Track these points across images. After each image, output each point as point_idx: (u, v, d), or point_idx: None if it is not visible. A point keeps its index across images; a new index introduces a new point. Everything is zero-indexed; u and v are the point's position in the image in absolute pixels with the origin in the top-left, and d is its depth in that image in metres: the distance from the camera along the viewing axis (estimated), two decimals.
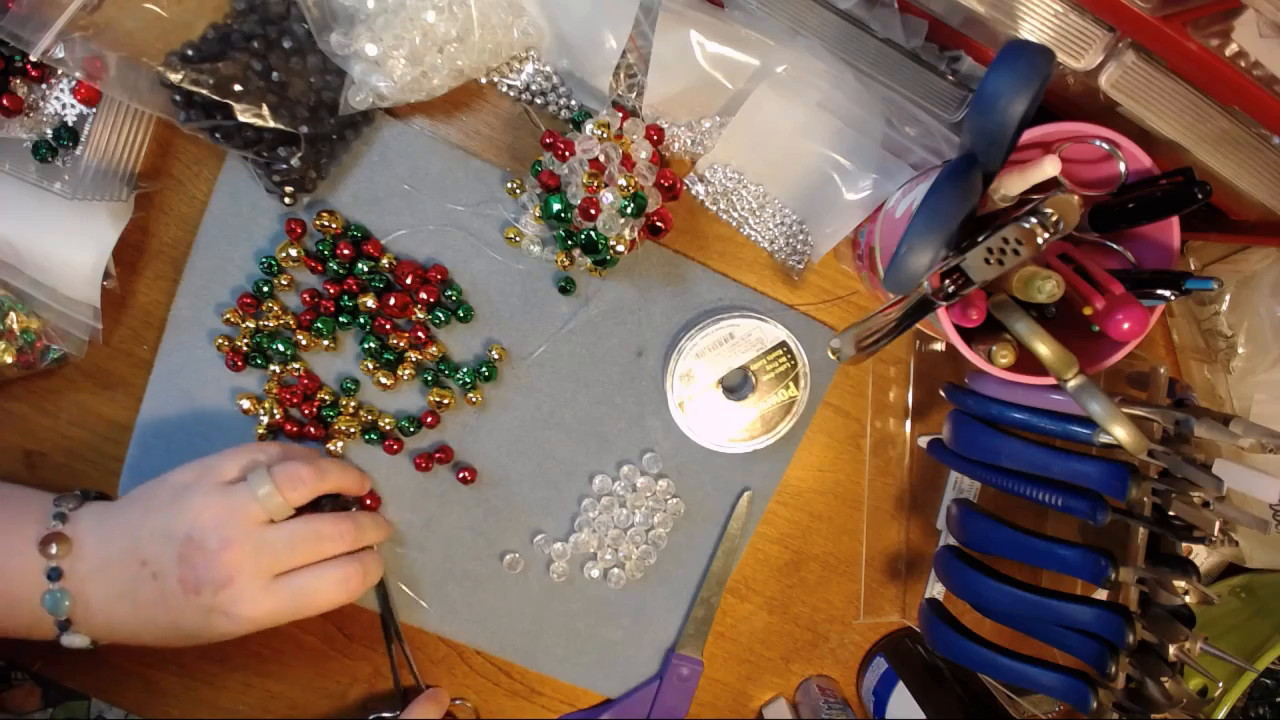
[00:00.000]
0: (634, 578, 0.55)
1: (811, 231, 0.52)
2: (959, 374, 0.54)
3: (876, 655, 0.59)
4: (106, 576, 0.39)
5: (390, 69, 0.42)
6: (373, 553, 0.46)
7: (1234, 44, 0.37)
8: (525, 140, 0.49)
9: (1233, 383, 0.56)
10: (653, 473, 0.54)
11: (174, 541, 0.39)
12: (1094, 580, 0.43)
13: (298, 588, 0.41)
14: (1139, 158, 0.41)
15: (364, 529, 0.45)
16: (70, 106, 0.42)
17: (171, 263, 0.47)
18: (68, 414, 0.48)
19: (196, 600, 0.38)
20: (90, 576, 0.38)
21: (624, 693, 0.56)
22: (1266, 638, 0.55)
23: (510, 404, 0.52)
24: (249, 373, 0.48)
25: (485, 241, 0.50)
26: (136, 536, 0.39)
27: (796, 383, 0.53)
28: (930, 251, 0.35)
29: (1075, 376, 0.38)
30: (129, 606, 0.39)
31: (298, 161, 0.43)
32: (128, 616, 0.39)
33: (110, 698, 0.50)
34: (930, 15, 0.45)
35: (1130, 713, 0.43)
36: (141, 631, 0.39)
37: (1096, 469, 0.43)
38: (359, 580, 0.43)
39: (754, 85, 0.47)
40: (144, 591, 0.38)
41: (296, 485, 0.42)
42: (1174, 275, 0.39)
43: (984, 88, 0.34)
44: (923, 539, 0.59)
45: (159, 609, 0.39)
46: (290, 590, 0.41)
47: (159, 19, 0.40)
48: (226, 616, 0.39)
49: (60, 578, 0.38)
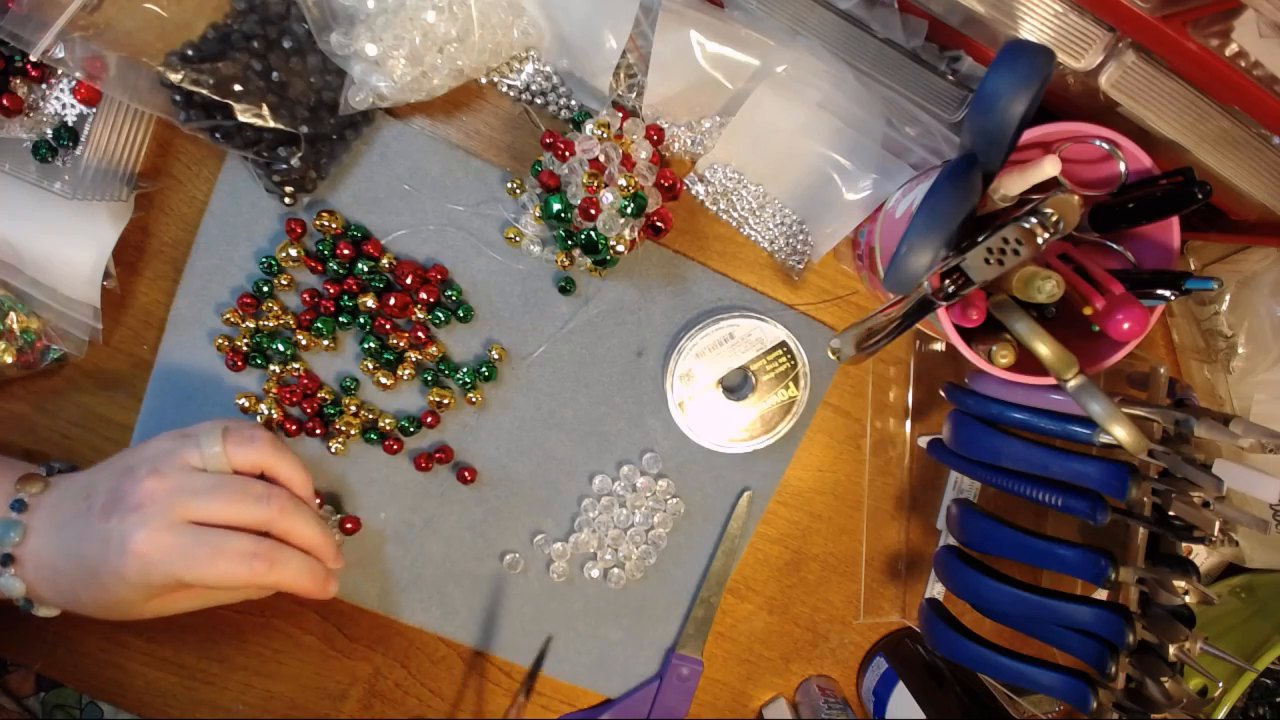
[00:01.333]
0: (634, 578, 0.55)
1: (811, 231, 0.52)
2: (959, 374, 0.54)
3: (876, 655, 0.59)
4: (57, 508, 0.39)
5: (390, 69, 0.42)
6: (299, 554, 0.41)
7: (1234, 44, 0.37)
8: (525, 140, 0.49)
9: (1233, 383, 0.56)
10: (653, 473, 0.54)
11: (117, 473, 0.39)
12: (1094, 580, 0.43)
13: (200, 540, 0.37)
14: (1139, 158, 0.41)
15: (301, 513, 0.41)
16: (70, 106, 0.42)
17: (171, 263, 0.47)
18: (68, 414, 0.48)
19: (104, 526, 0.37)
20: (45, 507, 0.39)
21: (624, 693, 0.56)
22: (1266, 638, 0.55)
23: (510, 404, 0.52)
24: (249, 373, 0.48)
25: (485, 241, 0.50)
26: (96, 473, 0.40)
27: (796, 383, 0.53)
28: (930, 251, 0.35)
29: (1075, 376, 0.38)
30: (58, 539, 0.38)
31: (298, 161, 0.43)
32: (55, 550, 0.38)
33: (111, 698, 0.50)
34: (930, 15, 0.45)
35: (1130, 713, 0.43)
36: (60, 569, 0.38)
37: (1096, 469, 0.43)
38: (264, 566, 0.38)
39: (754, 85, 0.47)
40: (76, 520, 0.38)
41: (243, 444, 0.40)
42: (1174, 275, 0.39)
43: (984, 88, 0.34)
44: (923, 539, 0.59)
45: (76, 535, 0.38)
46: (191, 539, 0.37)
47: (159, 19, 0.40)
48: (121, 549, 0.36)
49: (23, 510, 0.38)
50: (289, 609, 0.51)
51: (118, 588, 0.37)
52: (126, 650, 0.50)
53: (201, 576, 0.37)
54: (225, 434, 0.40)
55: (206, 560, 0.37)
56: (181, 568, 0.37)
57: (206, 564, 0.37)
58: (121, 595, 0.37)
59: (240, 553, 0.38)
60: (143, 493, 0.37)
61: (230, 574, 0.38)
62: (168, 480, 0.38)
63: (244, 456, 0.41)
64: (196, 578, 0.37)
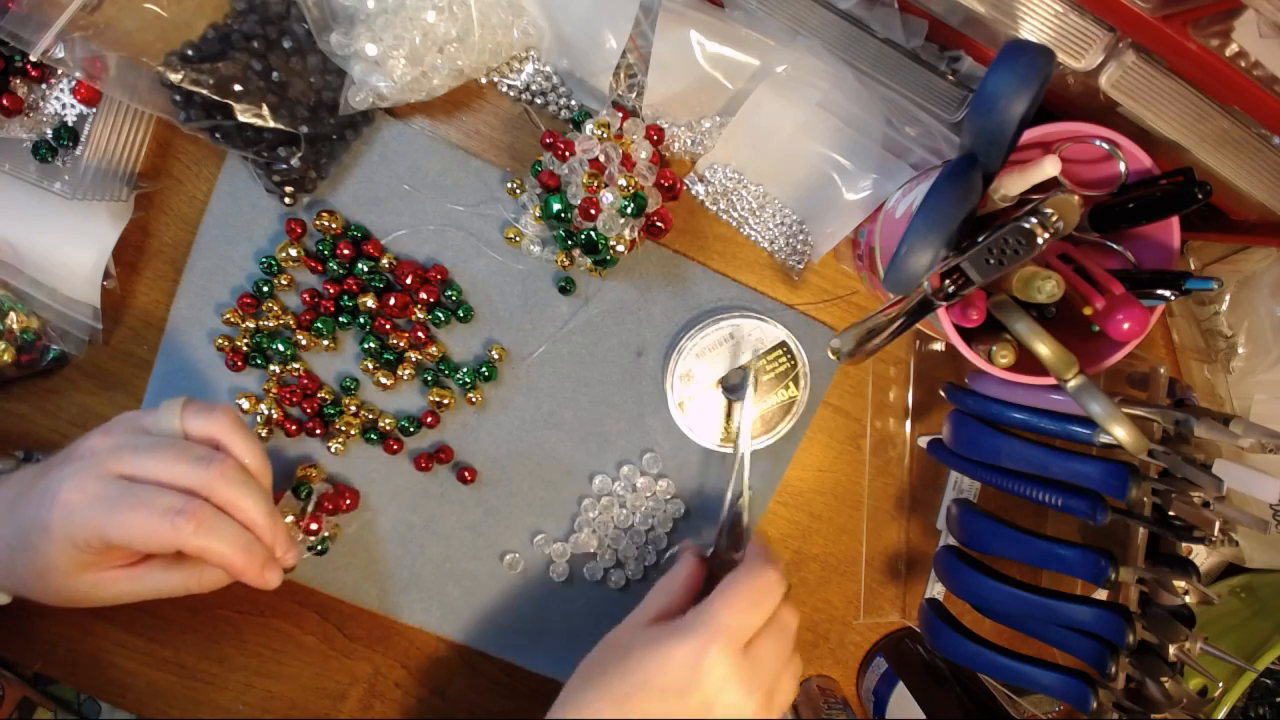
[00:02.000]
0: (634, 578, 0.55)
1: (811, 231, 0.52)
2: (959, 374, 0.54)
3: (876, 655, 0.59)
4: (17, 485, 0.38)
5: (390, 69, 0.42)
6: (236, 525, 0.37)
7: (1234, 44, 0.37)
8: (525, 140, 0.49)
9: (1233, 383, 0.56)
10: (653, 473, 0.54)
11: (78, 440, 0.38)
12: (1094, 580, 0.43)
13: (125, 490, 0.35)
14: (1139, 158, 0.41)
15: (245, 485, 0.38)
16: (70, 106, 0.42)
17: (171, 263, 0.47)
18: (68, 414, 0.48)
19: (43, 481, 0.36)
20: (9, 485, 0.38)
21: None
22: (1266, 638, 0.55)
23: (510, 404, 0.52)
24: (249, 373, 0.48)
25: (485, 241, 0.50)
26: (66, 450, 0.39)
27: (796, 383, 0.53)
28: (930, 251, 0.35)
29: (1075, 376, 0.38)
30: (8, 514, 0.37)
31: (298, 161, 0.43)
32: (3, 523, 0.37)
33: (111, 698, 0.50)
34: (930, 15, 0.45)
35: (1130, 713, 0.43)
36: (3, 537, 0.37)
37: (1096, 469, 0.43)
38: (190, 526, 0.35)
39: (754, 85, 0.47)
40: (25, 489, 0.37)
41: (200, 413, 0.39)
42: (1174, 275, 0.39)
43: (984, 88, 0.34)
44: (923, 539, 0.59)
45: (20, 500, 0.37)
46: (117, 490, 0.35)
47: (159, 19, 0.40)
48: (50, 501, 0.35)
49: None
50: (289, 609, 0.51)
51: (45, 548, 0.35)
52: (126, 650, 0.50)
53: (124, 529, 0.35)
54: (185, 404, 0.39)
55: (127, 509, 0.35)
56: (102, 517, 0.35)
57: (127, 514, 0.35)
58: (50, 558, 0.35)
59: (165, 507, 0.35)
60: (85, 448, 0.37)
61: (151, 529, 0.35)
62: (111, 437, 0.37)
63: (199, 424, 0.38)
64: (119, 531, 0.35)
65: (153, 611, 0.50)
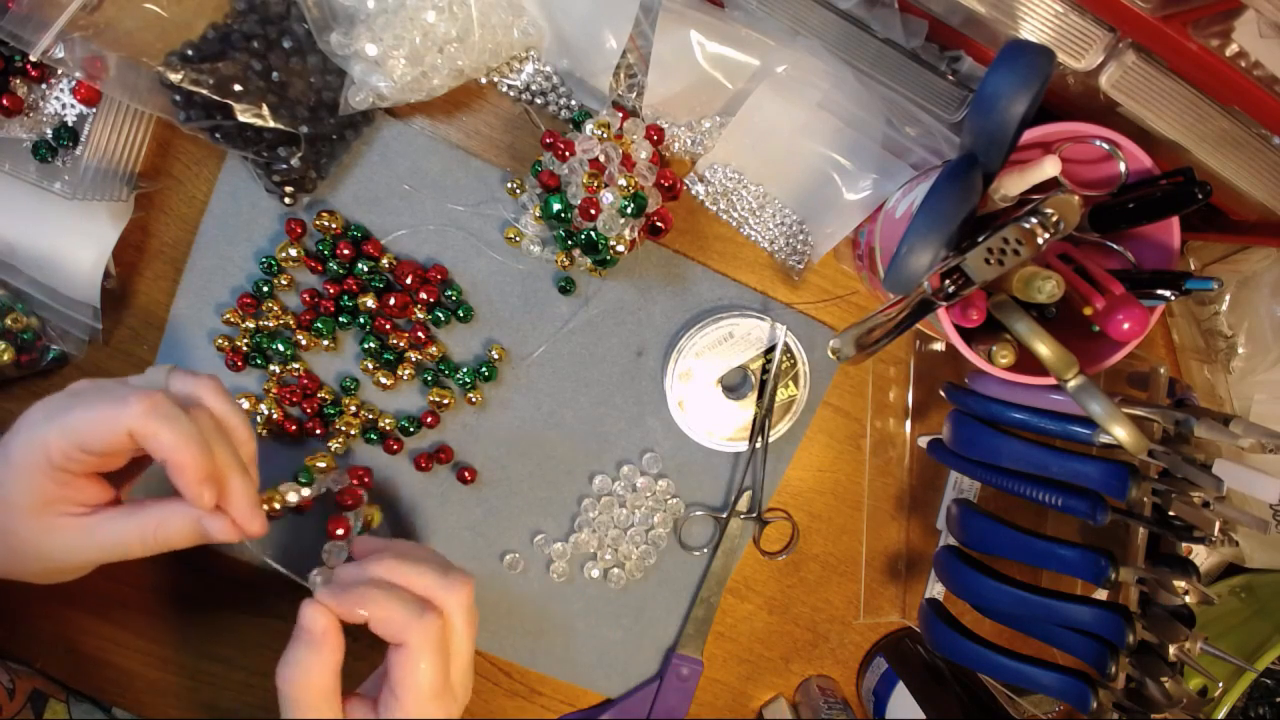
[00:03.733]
0: (634, 578, 0.55)
1: (811, 231, 0.52)
2: (959, 374, 0.54)
3: (876, 655, 0.59)
4: None
5: (390, 69, 0.42)
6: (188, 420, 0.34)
7: (1234, 44, 0.37)
8: (525, 140, 0.49)
9: (1233, 383, 0.56)
10: (653, 473, 0.54)
11: None
12: (1094, 580, 0.43)
13: (84, 389, 0.34)
14: (1139, 158, 0.41)
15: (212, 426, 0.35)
16: (70, 106, 0.42)
17: (171, 263, 0.47)
18: None
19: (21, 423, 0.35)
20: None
21: (624, 693, 0.56)
22: (1266, 638, 0.55)
23: (510, 404, 0.52)
24: (249, 373, 0.48)
25: (485, 241, 0.50)
26: None
27: (796, 382, 0.53)
28: (930, 251, 0.35)
29: (1075, 376, 0.38)
30: None
31: (298, 161, 0.43)
32: None
33: (112, 698, 0.50)
34: (930, 15, 0.45)
35: (1130, 713, 0.43)
36: None
37: (1096, 469, 0.43)
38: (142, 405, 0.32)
39: (754, 85, 0.47)
40: None
41: (186, 375, 0.37)
42: (1174, 275, 0.39)
43: (984, 88, 0.34)
44: (923, 539, 0.59)
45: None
46: (73, 393, 0.34)
47: (159, 19, 0.40)
48: (11, 430, 0.34)
49: None
50: (290, 609, 0.51)
51: (3, 477, 0.34)
52: (126, 650, 0.50)
53: (78, 420, 0.33)
54: (171, 369, 0.37)
55: (83, 404, 0.33)
56: (59, 416, 0.33)
57: (81, 407, 0.33)
58: (6, 490, 0.34)
59: (120, 395, 0.33)
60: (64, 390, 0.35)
61: (103, 414, 0.33)
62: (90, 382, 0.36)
63: (182, 384, 0.37)
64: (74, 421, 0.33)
65: (153, 611, 0.50)
